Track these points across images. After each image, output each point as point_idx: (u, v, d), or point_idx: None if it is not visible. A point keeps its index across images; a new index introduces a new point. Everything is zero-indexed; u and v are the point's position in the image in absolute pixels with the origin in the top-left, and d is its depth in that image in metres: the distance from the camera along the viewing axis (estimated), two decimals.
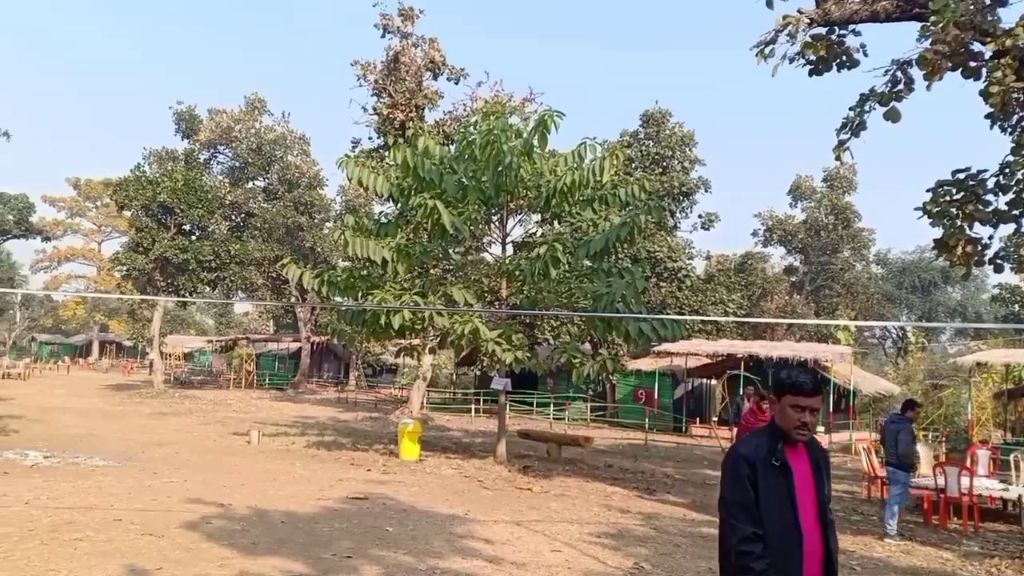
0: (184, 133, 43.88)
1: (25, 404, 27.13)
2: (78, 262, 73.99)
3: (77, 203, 71.34)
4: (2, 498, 10.40)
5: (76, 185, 70.56)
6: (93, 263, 73.07)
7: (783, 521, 3.24)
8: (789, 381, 3.42)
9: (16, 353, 60.91)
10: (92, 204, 71.67)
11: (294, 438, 21.00)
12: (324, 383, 49.28)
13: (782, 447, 3.36)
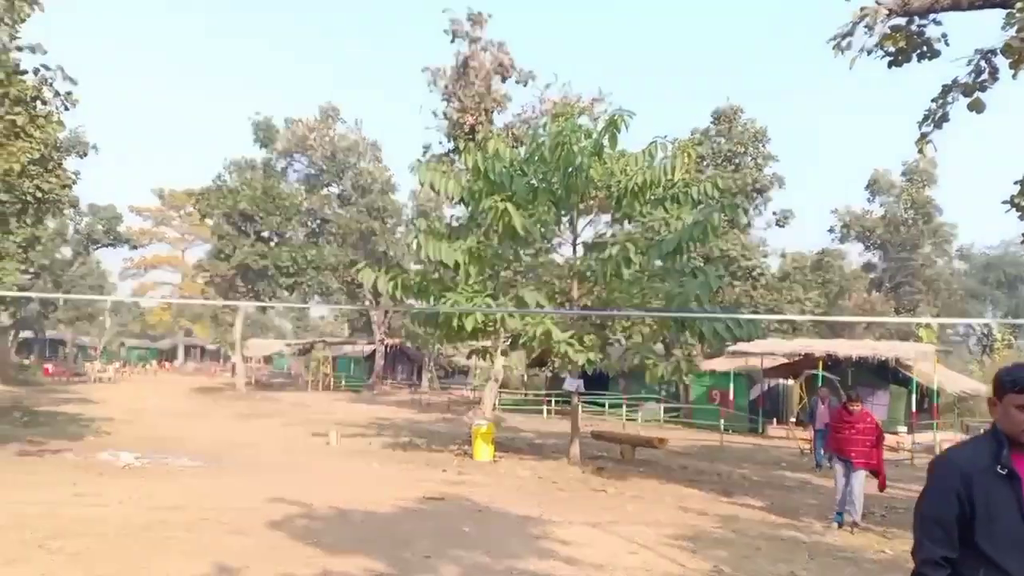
0: (262, 143, 45.13)
1: (116, 407, 28.23)
2: (163, 269, 76.70)
3: (162, 212, 73.91)
4: (98, 498, 10.87)
5: (161, 195, 73.13)
6: (177, 270, 75.64)
7: (1015, 534, 2.81)
8: (1010, 379, 2.93)
9: (107, 358, 63.40)
10: (176, 213, 74.16)
11: (371, 439, 21.36)
12: (398, 385, 49.99)
13: (1007, 453, 2.88)
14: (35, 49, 12.52)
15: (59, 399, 30.71)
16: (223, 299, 39.43)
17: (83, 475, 13.18)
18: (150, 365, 65.97)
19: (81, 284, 50.91)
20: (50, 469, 13.83)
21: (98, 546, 7.98)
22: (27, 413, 23.16)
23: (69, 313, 56.07)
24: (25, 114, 10.98)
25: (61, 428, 20.47)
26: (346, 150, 46.22)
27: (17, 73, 11.35)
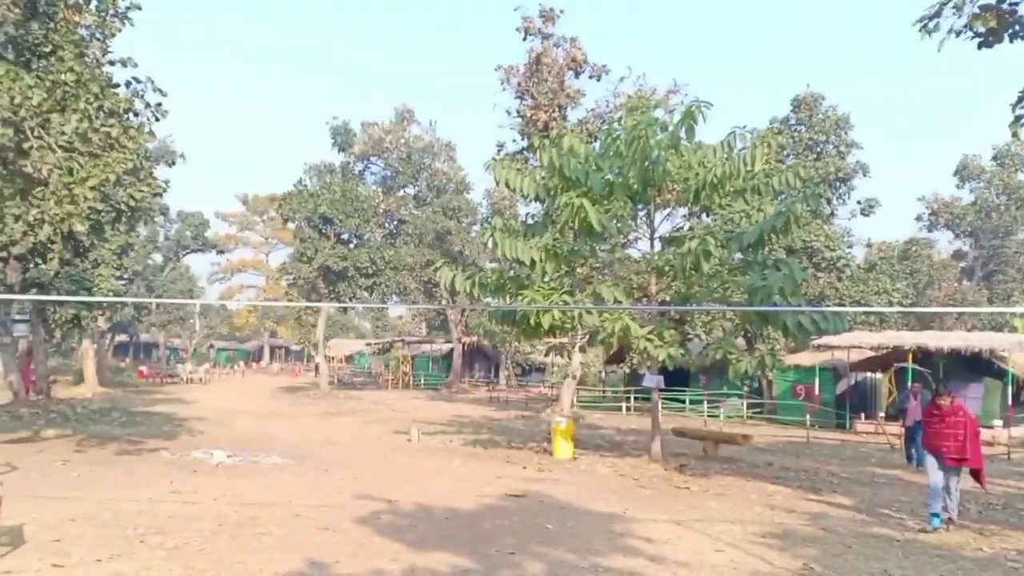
0: (340, 147, 46.05)
1: (207, 407, 29.19)
2: (248, 272, 79.05)
3: (246, 218, 76.21)
4: (194, 495, 11.26)
5: (245, 201, 75.43)
6: (262, 273, 77.83)
7: None
8: None
9: (197, 359, 65.64)
10: (259, 218, 76.38)
11: (451, 436, 21.54)
12: (475, 383, 50.35)
13: None
14: (126, 63, 13.07)
15: (154, 400, 31.93)
16: (306, 300, 40.38)
17: (178, 473, 13.66)
18: (237, 366, 67.97)
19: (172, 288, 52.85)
20: (148, 467, 14.38)
21: (195, 541, 8.26)
22: (125, 413, 24.13)
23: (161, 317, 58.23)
24: (119, 126, 11.46)
25: (157, 427, 21.27)
26: (421, 151, 46.81)
27: (111, 86, 11.87)
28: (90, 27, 13.51)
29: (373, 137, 45.69)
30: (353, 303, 41.62)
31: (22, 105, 10.26)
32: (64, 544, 7.89)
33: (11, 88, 10.17)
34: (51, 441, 17.32)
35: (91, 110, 11.03)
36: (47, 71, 11.56)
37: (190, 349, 71.46)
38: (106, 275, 28.17)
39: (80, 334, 33.96)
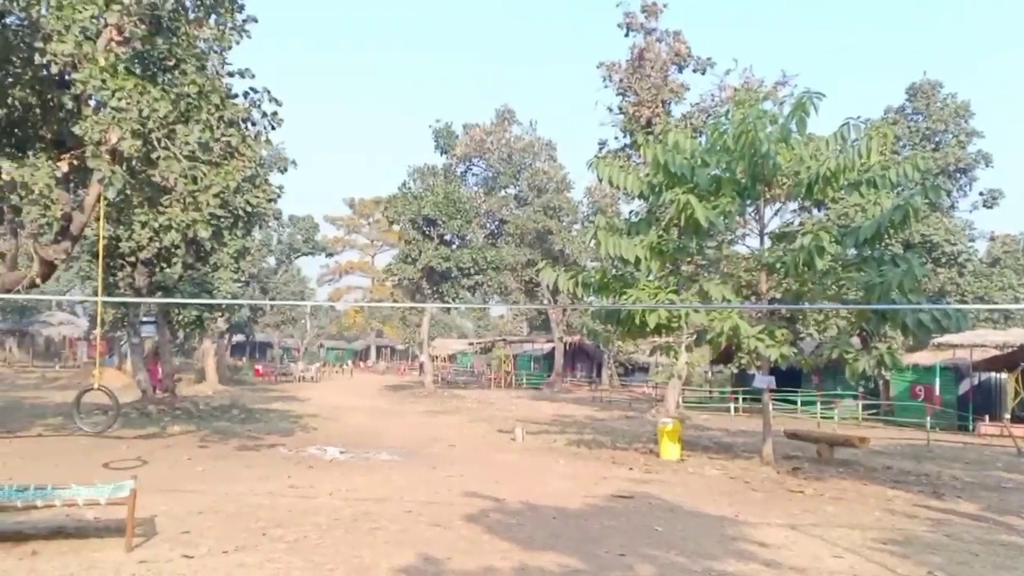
0: (442, 149, 46.78)
1: (319, 404, 30.12)
2: (356, 274, 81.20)
3: (353, 221, 78.29)
4: (310, 490, 11.64)
5: (352, 204, 77.52)
6: (368, 275, 79.83)
7: None
8: None
9: (308, 358, 67.84)
10: (366, 221, 78.33)
11: (555, 436, 21.53)
12: (577, 382, 50.21)
13: None
14: (244, 74, 13.65)
15: (269, 397, 33.18)
16: (410, 301, 41.16)
17: (295, 468, 14.14)
18: (346, 365, 69.86)
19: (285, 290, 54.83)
20: (266, 462, 14.94)
21: (314, 535, 8.54)
22: (243, 410, 25.15)
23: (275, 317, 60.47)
24: (238, 135, 11.97)
25: (273, 424, 22.07)
26: (522, 151, 47.03)
27: (230, 97, 12.41)
28: (207, 40, 14.16)
29: (475, 139, 46.22)
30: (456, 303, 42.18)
31: (150, 117, 10.84)
32: (193, 535, 8.28)
33: (139, 101, 10.76)
34: (177, 437, 18.21)
35: (212, 120, 11.56)
36: (171, 84, 12.18)
37: (302, 348, 73.90)
38: (225, 278, 29.45)
39: (201, 334, 35.60)
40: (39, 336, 57.85)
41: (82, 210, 14.11)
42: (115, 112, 10.85)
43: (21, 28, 12.14)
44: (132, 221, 19.73)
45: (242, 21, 13.27)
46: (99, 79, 10.83)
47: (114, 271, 23.68)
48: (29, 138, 14.31)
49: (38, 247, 14.26)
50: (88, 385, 14.27)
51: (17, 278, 14.28)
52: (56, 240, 14.71)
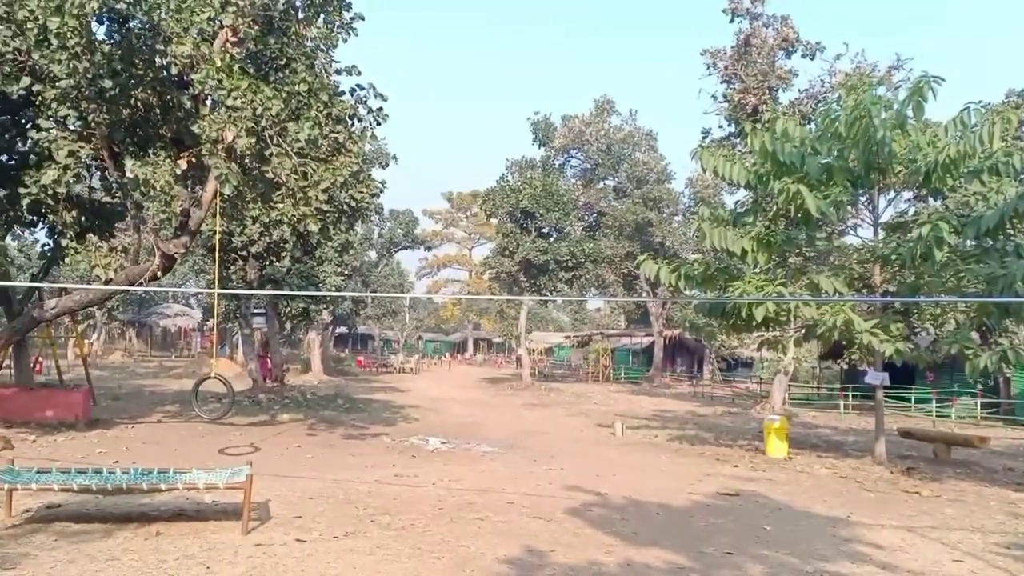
0: (540, 141, 46.80)
1: (420, 395, 30.66)
2: (453, 267, 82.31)
3: (451, 214, 79.30)
4: (415, 479, 11.84)
5: (450, 198, 78.55)
6: (465, 268, 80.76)
7: None
8: None
9: (407, 350, 69.16)
10: (463, 214, 79.24)
11: (656, 431, 21.29)
12: (677, 377, 49.46)
13: None
14: (351, 71, 13.98)
15: (371, 387, 33.97)
16: (507, 294, 41.35)
17: (399, 457, 14.43)
18: (444, 357, 70.89)
19: (385, 283, 55.90)
20: (371, 451, 15.30)
21: (420, 523, 8.66)
22: (347, 400, 25.84)
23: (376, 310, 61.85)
24: (344, 131, 12.26)
25: (377, 414, 22.59)
26: (621, 142, 46.60)
27: (337, 95, 12.72)
28: (314, 39, 14.55)
29: (573, 130, 46.05)
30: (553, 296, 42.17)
31: (263, 115, 11.22)
32: (304, 520, 8.52)
33: (253, 100, 11.15)
34: (286, 424, 18.84)
35: (321, 118, 11.87)
36: (283, 83, 12.58)
37: (401, 340, 75.40)
38: (329, 271, 30.30)
39: (307, 326, 36.75)
40: (156, 327, 60.90)
41: (199, 206, 14.75)
42: (230, 111, 11.28)
43: (143, 31, 12.75)
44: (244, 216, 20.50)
45: (349, 19, 13.59)
46: (216, 79, 11.28)
47: (227, 265, 24.66)
48: (150, 137, 15.03)
49: (159, 242, 14.98)
50: (205, 374, 14.93)
51: (140, 271, 15.03)
52: (175, 235, 15.41)
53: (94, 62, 12.06)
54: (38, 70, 13.26)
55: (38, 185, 13.43)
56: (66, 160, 13.23)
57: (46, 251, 18.42)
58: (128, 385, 28.18)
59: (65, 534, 7.54)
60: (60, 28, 11.40)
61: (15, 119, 15.73)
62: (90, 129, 13.69)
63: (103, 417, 17.55)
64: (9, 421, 15.49)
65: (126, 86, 12.82)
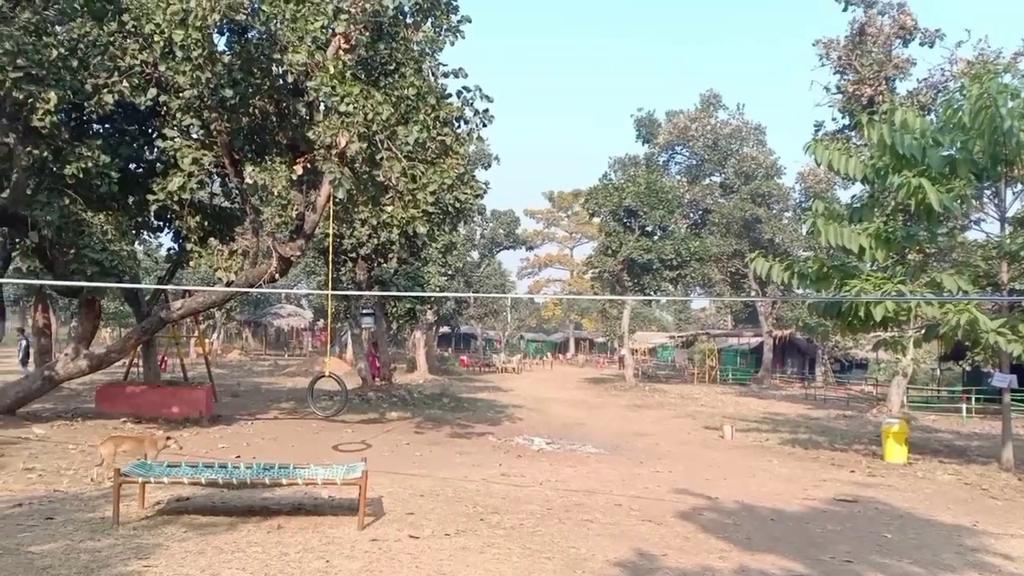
0: (644, 138, 46.33)
1: (522, 395, 30.81)
2: (554, 267, 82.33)
3: (552, 214, 79.36)
4: (521, 479, 11.90)
5: (551, 198, 78.63)
6: (566, 267, 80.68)
7: None
8: None
9: (509, 350, 69.59)
10: (564, 214, 79.19)
11: (766, 434, 20.77)
12: (787, 378, 48.02)
13: None
14: (457, 74, 14.19)
15: (475, 387, 34.35)
16: (610, 293, 41.07)
17: (505, 457, 14.53)
18: (545, 357, 70.98)
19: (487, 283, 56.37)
20: (477, 450, 15.47)
21: (529, 523, 8.69)
22: (452, 399, 26.21)
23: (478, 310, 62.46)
24: (451, 134, 12.45)
25: (481, 413, 22.83)
26: (728, 137, 45.63)
27: (444, 97, 12.93)
28: (420, 43, 14.83)
29: (678, 126, 45.37)
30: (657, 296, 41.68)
31: (373, 120, 11.51)
32: (417, 517, 8.68)
33: (364, 105, 11.46)
34: (395, 422, 19.25)
35: (429, 121, 12.09)
36: (392, 87, 12.87)
37: (503, 340, 75.89)
38: (433, 272, 30.81)
39: (413, 326, 37.45)
40: (271, 326, 63.27)
41: (314, 210, 15.26)
42: (343, 117, 11.62)
43: (261, 41, 13.28)
44: (353, 219, 21.09)
45: (456, 22, 13.79)
46: (329, 86, 11.64)
47: (338, 266, 25.40)
48: (267, 144, 15.66)
49: (276, 245, 15.57)
50: (320, 373, 15.42)
51: (259, 273, 15.66)
52: (291, 238, 15.99)
53: (216, 72, 12.64)
54: (164, 81, 14.02)
55: (165, 192, 14.19)
56: (190, 167, 13.94)
57: (172, 255, 19.40)
58: (245, 383, 29.39)
59: (194, 526, 7.92)
60: (184, 40, 12.00)
61: (142, 129, 16.64)
62: (212, 137, 14.36)
63: (224, 413, 18.35)
64: (139, 416, 16.39)
65: (245, 95, 13.39)
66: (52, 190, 14.66)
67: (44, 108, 13.21)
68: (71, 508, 8.64)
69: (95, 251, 14.56)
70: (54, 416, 16.41)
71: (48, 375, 16.44)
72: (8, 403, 15.75)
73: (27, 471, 10.88)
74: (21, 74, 13.02)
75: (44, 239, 14.68)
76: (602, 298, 38.88)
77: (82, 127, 15.84)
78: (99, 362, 16.69)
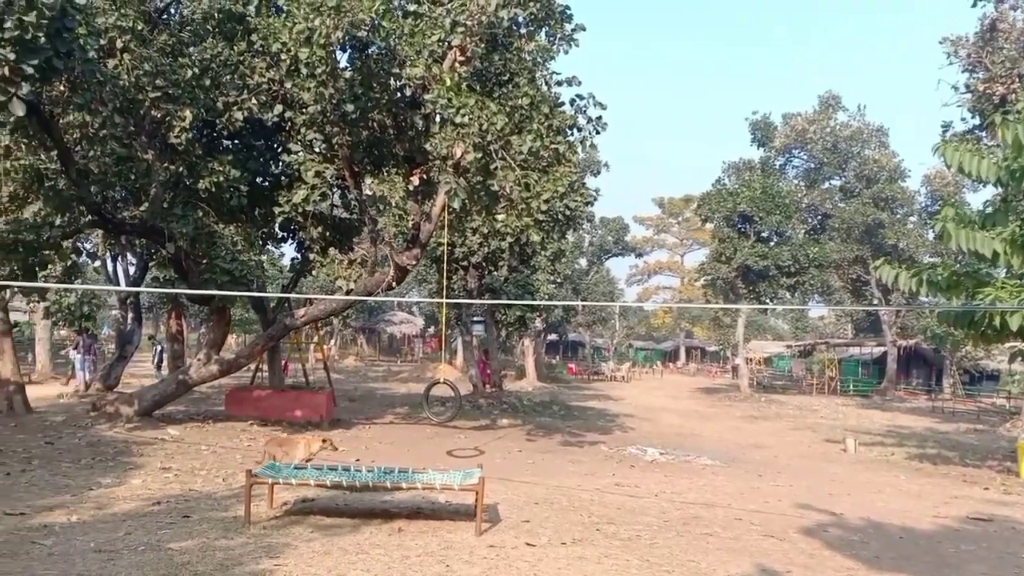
0: (759, 142, 45.21)
1: (633, 404, 30.52)
2: (664, 274, 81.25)
3: (662, 220, 78.43)
4: (636, 489, 11.78)
5: (661, 204, 77.72)
6: (677, 274, 79.49)
7: None
8: None
9: (617, 358, 69.04)
10: (674, 220, 78.13)
11: (892, 449, 19.92)
12: (912, 390, 45.76)
13: None
14: (571, 82, 14.25)
15: (584, 395, 34.26)
16: (723, 301, 40.18)
17: (617, 466, 14.43)
18: (655, 365, 70.05)
19: (595, 291, 56.13)
20: (589, 459, 15.42)
21: (645, 535, 8.59)
22: (562, 407, 26.21)
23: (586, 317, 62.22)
24: (563, 142, 12.51)
25: (591, 422, 22.75)
26: (848, 139, 43.94)
27: (557, 106, 13.01)
28: (531, 52, 14.96)
29: (795, 129, 44.01)
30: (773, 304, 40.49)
31: (488, 130, 11.68)
32: (532, 524, 8.72)
33: (479, 116, 11.65)
34: (506, 429, 19.41)
35: (543, 129, 12.17)
36: (506, 97, 13.03)
37: (611, 348, 75.33)
38: (543, 280, 30.92)
39: (522, 333, 37.67)
40: (384, 333, 64.90)
41: (429, 220, 15.60)
42: (459, 128, 11.84)
43: (381, 57, 13.71)
44: (465, 228, 21.43)
45: (570, 31, 13.86)
46: (445, 98, 11.89)
47: (449, 275, 25.84)
48: (384, 156, 16.13)
49: (393, 254, 15.99)
50: (435, 379, 15.74)
51: (377, 281, 16.13)
52: (407, 247, 16.40)
53: (338, 88, 13.13)
54: (289, 98, 14.65)
55: (290, 204, 14.82)
56: (313, 180, 14.52)
57: (295, 264, 20.20)
58: (361, 388, 30.25)
59: (319, 527, 8.20)
60: (309, 58, 12.51)
61: (269, 144, 17.42)
62: (333, 151, 14.90)
63: (343, 417, 18.94)
64: (265, 420, 17.12)
65: (365, 109, 13.84)
66: (187, 203, 15.54)
67: (180, 126, 14.03)
68: (205, 507, 9.10)
69: (226, 261, 15.34)
70: (186, 418, 17.34)
71: (182, 379, 17.38)
72: (145, 405, 16.73)
73: (164, 470, 11.54)
74: (159, 94, 13.88)
75: (179, 250, 15.56)
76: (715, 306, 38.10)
77: (213, 143, 16.73)
78: (228, 367, 17.52)
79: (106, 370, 23.21)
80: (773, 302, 39.03)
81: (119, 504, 9.19)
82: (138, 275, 24.24)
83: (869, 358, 50.52)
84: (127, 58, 13.89)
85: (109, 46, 13.77)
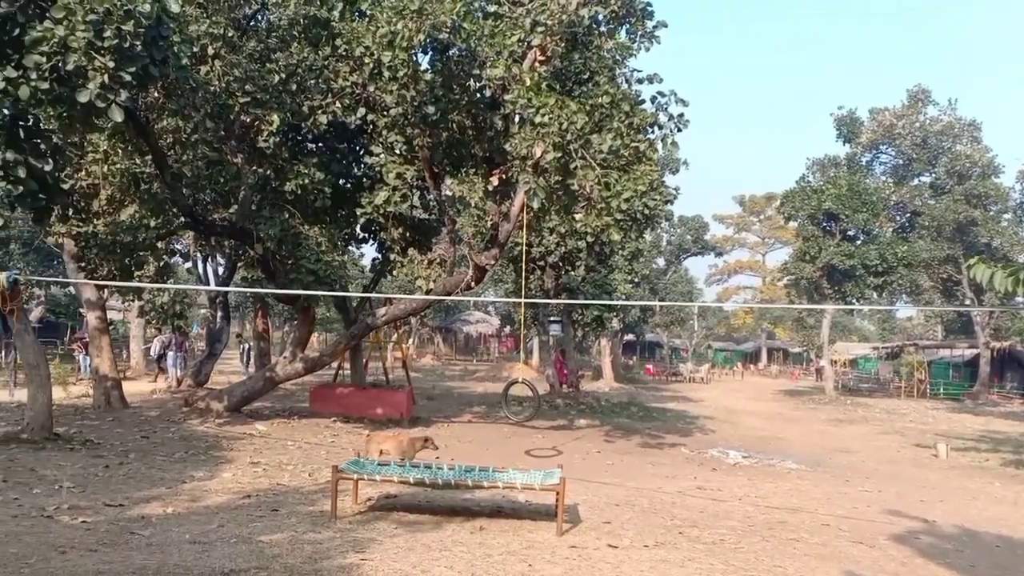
0: (845, 138, 43.95)
1: (713, 406, 30.03)
2: (745, 274, 79.69)
3: (742, 219, 76.96)
4: (718, 492, 11.59)
5: (741, 202, 76.27)
6: (758, 274, 77.86)
7: None
8: None
9: (696, 359, 68.04)
10: (756, 218, 76.56)
11: (986, 454, 19.11)
12: (1008, 394, 43.77)
13: None
14: (652, 79, 14.12)
15: (663, 396, 33.87)
16: (807, 301, 39.19)
17: (699, 469, 14.22)
18: (735, 367, 68.80)
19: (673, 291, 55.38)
20: (669, 461, 15.24)
21: (729, 539, 8.44)
22: (641, 408, 25.95)
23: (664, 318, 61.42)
24: (644, 140, 12.38)
25: (671, 423, 22.47)
26: (939, 134, 42.28)
27: (638, 104, 12.88)
28: (610, 50, 14.85)
29: (883, 124, 42.57)
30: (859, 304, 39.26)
31: (568, 130, 11.65)
32: (614, 526, 8.66)
33: (559, 116, 11.62)
34: (584, 430, 19.33)
35: (623, 128, 12.08)
36: (586, 96, 12.98)
37: (690, 349, 74.27)
38: (620, 279, 30.66)
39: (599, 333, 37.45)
40: (460, 332, 65.47)
41: (508, 220, 15.66)
42: (538, 128, 11.85)
43: (461, 58, 13.83)
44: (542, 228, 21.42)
45: (651, 27, 13.72)
46: (525, 98, 11.91)
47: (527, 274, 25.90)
48: (463, 157, 16.26)
49: (472, 254, 16.11)
50: (514, 379, 15.79)
51: (456, 281, 16.28)
52: (486, 247, 16.50)
53: (419, 90, 13.29)
54: (372, 101, 14.91)
55: (372, 205, 15.10)
56: (394, 182, 14.75)
57: (375, 264, 20.56)
58: (439, 387, 30.57)
59: (402, 523, 8.32)
60: (392, 61, 12.70)
61: (351, 146, 17.77)
62: (414, 152, 15.11)
63: (422, 415, 19.16)
64: (347, 416, 17.46)
65: (445, 110, 13.98)
66: (273, 205, 15.98)
67: (268, 130, 14.44)
68: (293, 501, 9.34)
69: (311, 262, 15.71)
70: (273, 414, 17.83)
71: (269, 376, 17.88)
72: (235, 401, 17.27)
73: (252, 465, 11.88)
74: (248, 99, 14.31)
75: (266, 251, 16.00)
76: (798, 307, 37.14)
77: (299, 147, 17.15)
78: (313, 365, 17.94)
79: (197, 367, 24.06)
80: (859, 302, 37.90)
81: (211, 497, 9.50)
82: (227, 275, 25.06)
83: (960, 360, 48.59)
84: (218, 64, 14.37)
85: (201, 53, 14.26)
